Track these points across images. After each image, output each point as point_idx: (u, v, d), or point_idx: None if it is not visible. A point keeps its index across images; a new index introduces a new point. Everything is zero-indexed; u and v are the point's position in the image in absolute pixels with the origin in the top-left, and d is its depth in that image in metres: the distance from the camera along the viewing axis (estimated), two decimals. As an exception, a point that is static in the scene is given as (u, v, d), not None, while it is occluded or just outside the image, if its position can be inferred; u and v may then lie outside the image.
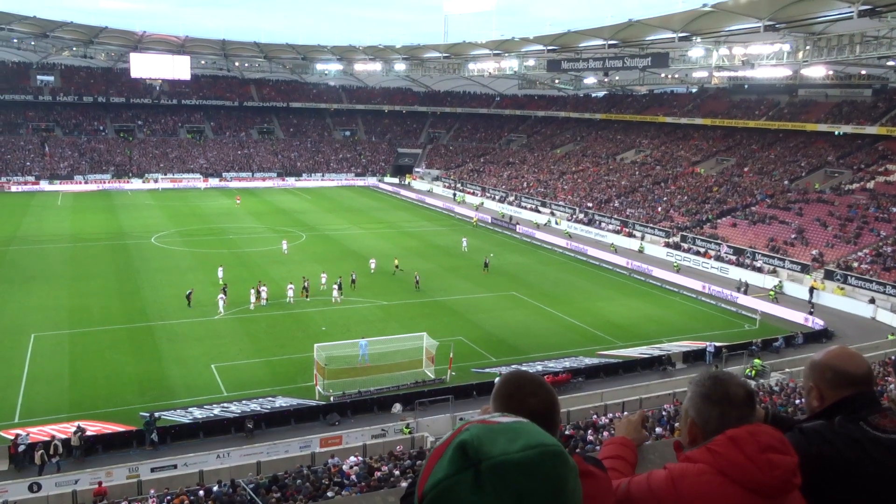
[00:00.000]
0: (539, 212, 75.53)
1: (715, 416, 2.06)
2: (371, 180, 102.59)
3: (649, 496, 1.89)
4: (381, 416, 28.00)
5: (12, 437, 24.11)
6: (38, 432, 24.81)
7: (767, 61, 61.91)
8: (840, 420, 2.25)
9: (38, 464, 23.39)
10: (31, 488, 22.00)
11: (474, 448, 1.17)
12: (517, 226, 69.17)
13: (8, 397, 27.60)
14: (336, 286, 41.52)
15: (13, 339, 33.64)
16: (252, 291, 39.92)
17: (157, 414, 26.16)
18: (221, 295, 39.28)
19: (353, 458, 23.01)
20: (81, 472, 23.00)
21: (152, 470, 23.26)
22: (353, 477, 20.79)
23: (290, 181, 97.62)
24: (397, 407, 28.29)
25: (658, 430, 23.64)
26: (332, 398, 28.78)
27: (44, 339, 33.90)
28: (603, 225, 66.99)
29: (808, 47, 57.51)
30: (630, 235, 62.90)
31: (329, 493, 19.12)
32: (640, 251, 59.07)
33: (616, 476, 2.17)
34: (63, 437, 24.36)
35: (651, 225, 63.15)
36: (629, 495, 1.92)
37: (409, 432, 26.17)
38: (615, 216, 67.49)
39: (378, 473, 20.83)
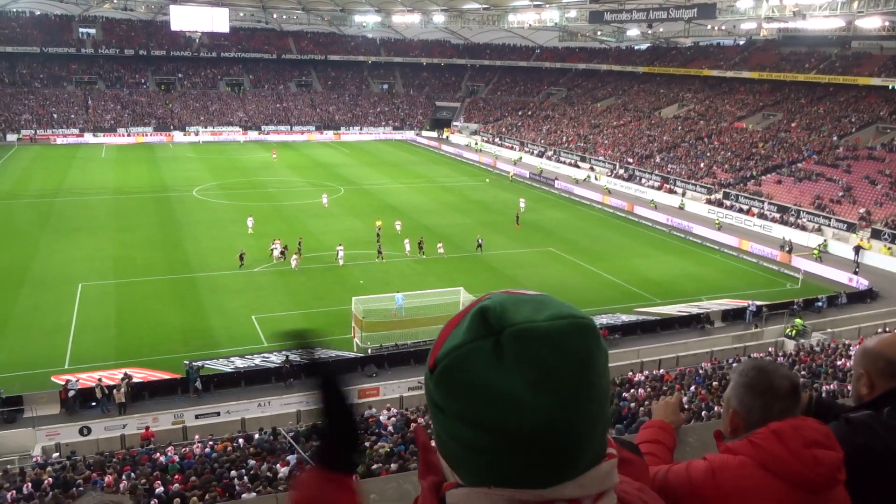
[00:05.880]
0: (578, 167, 74.60)
1: (758, 408, 2.02)
2: (409, 134, 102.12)
3: (688, 487, 1.86)
4: (418, 368, 28.30)
5: (63, 383, 25.04)
6: (88, 378, 25.69)
7: (820, 12, 59.58)
8: (889, 411, 2.18)
9: (119, 402, 24.46)
10: (81, 432, 22.94)
11: (496, 314, 1.05)
12: (555, 181, 68.46)
13: (58, 344, 28.57)
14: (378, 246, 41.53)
15: (62, 288, 34.66)
16: (276, 247, 40.13)
17: (200, 363, 26.90)
18: (275, 245, 39.84)
19: (386, 411, 23.41)
20: (129, 417, 23.89)
21: (196, 417, 24.06)
22: (391, 428, 21.19)
23: (329, 135, 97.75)
24: (434, 360, 28.57)
25: (692, 388, 23.59)
26: (369, 350, 29.22)
27: (91, 288, 34.87)
28: (643, 181, 65.97)
29: (864, -4, 55.14)
30: (671, 192, 61.88)
31: (367, 443, 19.55)
32: (681, 208, 58.17)
33: (654, 461, 2.15)
34: (111, 383, 25.21)
35: (693, 181, 61.99)
36: (667, 484, 1.89)
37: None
38: (656, 172, 66.36)
39: (415, 425, 21.18)
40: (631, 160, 71.00)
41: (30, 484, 17.67)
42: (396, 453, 18.22)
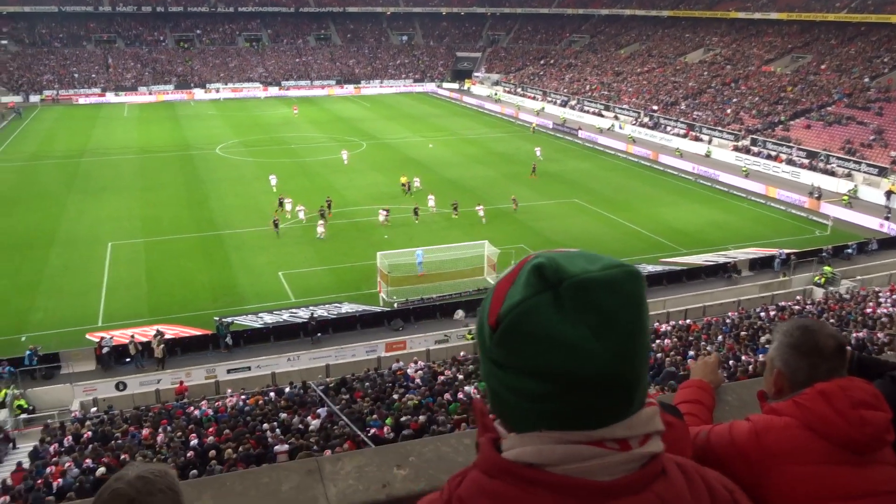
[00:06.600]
0: (602, 116, 73.49)
1: (803, 368, 1.97)
2: (429, 86, 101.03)
3: (731, 448, 1.83)
4: (444, 322, 28.55)
5: (98, 340, 25.61)
6: (121, 335, 26.24)
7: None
8: None
9: (159, 357, 25.09)
10: (117, 387, 23.54)
11: (552, 269, 1.12)
12: (579, 130, 67.57)
13: (91, 303, 29.16)
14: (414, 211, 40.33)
15: (92, 247, 35.20)
16: (288, 204, 39.83)
17: (229, 319, 27.32)
18: (301, 207, 39.26)
19: (413, 364, 23.63)
20: (163, 372, 24.44)
21: (228, 371, 24.54)
22: (418, 380, 21.44)
23: (349, 89, 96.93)
24: (460, 313, 28.76)
25: (720, 338, 23.51)
26: (395, 304, 29.43)
27: (120, 247, 35.37)
28: (668, 129, 64.89)
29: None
30: (697, 139, 60.86)
31: (395, 396, 19.83)
32: (707, 155, 57.22)
33: (694, 421, 2.13)
34: (144, 339, 25.73)
35: (719, 128, 60.87)
36: (709, 445, 1.87)
37: (472, 338, 26.70)
38: (681, 119, 65.20)
39: (442, 378, 21.42)
40: (655, 108, 69.78)
41: (70, 437, 18.24)
42: (424, 405, 18.45)
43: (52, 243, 35.89)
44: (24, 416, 22.04)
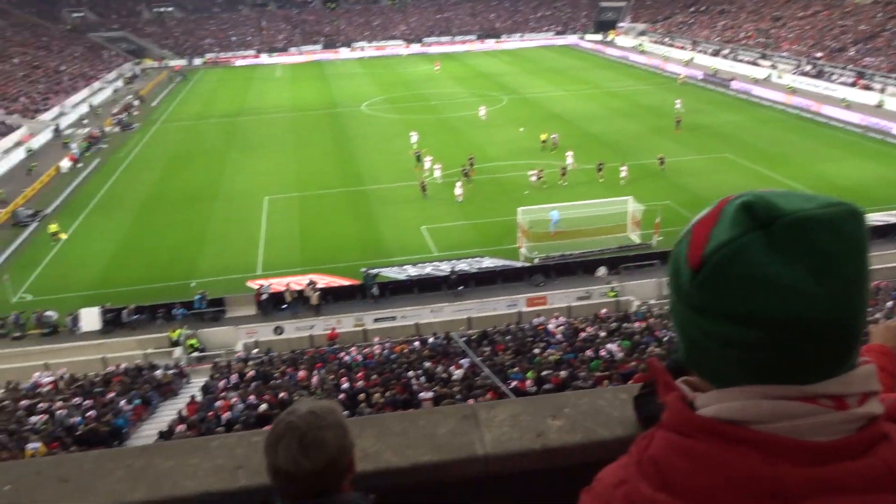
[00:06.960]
0: (758, 65, 68.74)
1: None
2: (571, 38, 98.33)
3: None
4: (585, 278, 28.24)
5: (257, 287, 27.46)
6: (278, 283, 27.98)
7: None
8: None
9: (314, 304, 26.77)
10: (275, 331, 25.21)
11: (764, 207, 1.01)
12: (732, 81, 63.65)
13: (250, 253, 31.25)
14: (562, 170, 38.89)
15: (250, 201, 37.55)
16: (427, 161, 39.89)
17: (375, 270, 28.41)
18: (438, 166, 38.91)
19: (554, 319, 23.58)
20: (316, 318, 25.90)
21: (375, 320, 25.62)
22: (559, 336, 21.43)
23: (490, 43, 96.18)
24: (602, 270, 28.30)
25: (889, 304, 21.76)
26: (536, 260, 29.40)
27: (275, 201, 37.50)
28: (834, 77, 59.77)
29: None
30: (867, 88, 55.68)
31: (535, 350, 19.95)
32: (880, 106, 52.28)
33: None
34: (298, 288, 27.31)
35: (895, 75, 55.33)
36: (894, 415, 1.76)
37: (615, 296, 26.26)
38: (850, 67, 59.80)
39: (583, 334, 21.28)
40: (819, 55, 64.35)
41: (236, 375, 19.81)
42: (566, 361, 18.45)
43: (215, 197, 38.61)
44: (195, 354, 24.16)
